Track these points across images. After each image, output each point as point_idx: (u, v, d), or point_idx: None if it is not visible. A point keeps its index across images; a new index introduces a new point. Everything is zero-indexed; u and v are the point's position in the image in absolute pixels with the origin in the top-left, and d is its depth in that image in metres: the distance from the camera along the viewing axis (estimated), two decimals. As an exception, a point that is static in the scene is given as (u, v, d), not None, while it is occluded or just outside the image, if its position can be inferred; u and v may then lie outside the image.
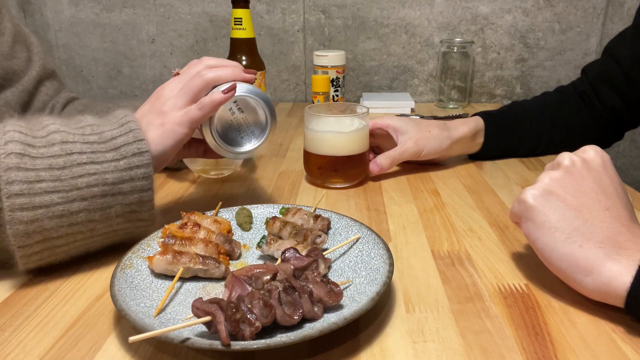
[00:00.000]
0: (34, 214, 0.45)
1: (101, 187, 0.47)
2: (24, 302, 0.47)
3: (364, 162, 0.75)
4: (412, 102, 1.25)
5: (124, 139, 0.49)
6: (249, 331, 0.37)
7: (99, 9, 1.39)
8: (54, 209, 0.45)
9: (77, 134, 0.48)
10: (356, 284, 0.46)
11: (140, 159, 0.49)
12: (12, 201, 0.44)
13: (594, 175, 0.46)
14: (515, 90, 1.41)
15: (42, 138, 0.47)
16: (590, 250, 0.43)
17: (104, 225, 0.49)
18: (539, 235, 0.46)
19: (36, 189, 0.45)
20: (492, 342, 0.41)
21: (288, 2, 1.36)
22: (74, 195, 0.46)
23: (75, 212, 0.46)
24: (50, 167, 0.46)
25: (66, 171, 0.46)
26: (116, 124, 0.50)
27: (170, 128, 0.52)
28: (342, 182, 0.75)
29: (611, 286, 0.41)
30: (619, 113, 0.84)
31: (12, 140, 0.45)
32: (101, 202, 0.47)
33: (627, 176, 1.45)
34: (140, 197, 0.49)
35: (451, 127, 0.81)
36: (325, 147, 0.73)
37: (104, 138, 0.49)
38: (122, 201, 0.49)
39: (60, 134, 0.48)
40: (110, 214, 0.48)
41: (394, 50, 1.39)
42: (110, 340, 0.42)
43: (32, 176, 0.45)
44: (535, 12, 1.33)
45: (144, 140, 0.49)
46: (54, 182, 0.45)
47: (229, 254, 0.52)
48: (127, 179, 0.48)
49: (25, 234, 0.45)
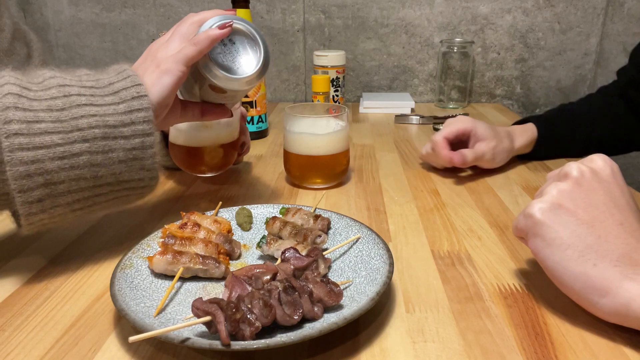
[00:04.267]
0: (34, 154, 0.43)
1: (102, 128, 0.46)
2: (24, 302, 0.47)
3: (342, 163, 0.75)
4: (412, 102, 1.25)
5: (121, 84, 0.48)
6: (249, 331, 0.37)
7: (99, 9, 1.39)
8: (54, 150, 0.44)
9: (74, 79, 0.47)
10: (356, 284, 0.46)
11: (139, 102, 0.47)
12: (11, 141, 0.42)
13: (604, 186, 0.43)
14: (515, 90, 1.41)
15: (39, 83, 0.46)
16: (606, 269, 0.40)
17: (106, 171, 0.47)
18: (549, 254, 0.43)
19: (35, 129, 0.43)
20: (492, 342, 0.41)
21: (288, 2, 1.36)
22: (75, 137, 0.45)
23: (76, 153, 0.45)
24: (49, 109, 0.44)
25: (65, 112, 0.45)
26: (112, 72, 0.50)
27: (166, 68, 0.51)
28: (321, 183, 0.75)
29: (630, 308, 0.39)
30: None
31: (7, 82, 0.44)
32: (103, 145, 0.46)
33: (627, 176, 1.45)
34: (142, 142, 0.48)
35: (513, 137, 0.81)
36: (302, 147, 0.73)
37: (102, 84, 0.48)
38: (123, 145, 0.47)
39: (57, 79, 0.46)
40: (112, 158, 0.47)
41: (394, 50, 1.39)
42: (110, 340, 0.42)
43: (30, 116, 0.43)
44: (535, 12, 1.33)
45: (142, 85, 0.48)
46: (54, 122, 0.44)
47: (229, 254, 0.52)
48: (128, 123, 0.47)
49: (27, 176, 0.43)
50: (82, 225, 0.63)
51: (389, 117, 1.21)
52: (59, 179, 0.45)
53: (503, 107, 1.35)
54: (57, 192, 0.45)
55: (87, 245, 0.58)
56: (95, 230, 0.62)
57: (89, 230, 0.62)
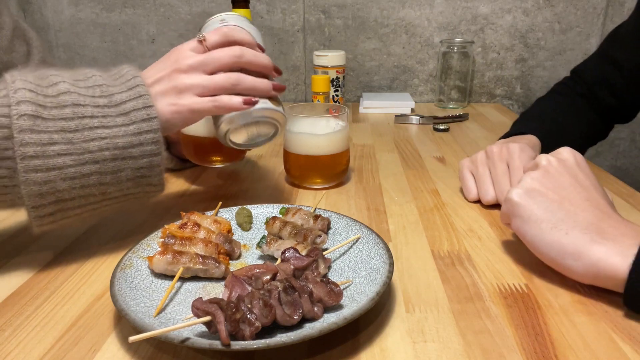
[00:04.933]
0: (47, 175, 0.45)
1: (112, 150, 0.48)
2: (24, 302, 0.47)
3: (342, 163, 0.75)
4: (412, 102, 1.25)
5: (132, 104, 0.49)
6: (249, 331, 0.37)
7: (99, 9, 1.39)
8: (66, 171, 0.46)
9: (87, 96, 0.48)
10: (356, 284, 0.46)
11: (149, 124, 0.49)
12: (26, 163, 0.45)
13: (570, 172, 0.50)
14: (515, 90, 1.41)
15: (53, 98, 0.47)
16: (576, 236, 0.45)
17: (115, 188, 0.49)
18: (527, 229, 0.49)
19: (49, 152, 0.45)
20: (492, 342, 0.41)
21: (288, 2, 1.36)
22: (86, 158, 0.47)
23: (87, 174, 0.47)
24: (63, 130, 0.46)
25: (78, 134, 0.46)
26: (124, 86, 0.50)
27: (181, 110, 0.51)
28: (321, 183, 0.75)
29: (599, 267, 0.44)
30: (615, 111, 0.85)
31: (23, 100, 0.45)
32: (112, 166, 0.48)
33: (627, 176, 1.45)
34: (150, 162, 0.50)
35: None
36: (302, 147, 0.73)
37: (114, 102, 0.49)
38: (132, 165, 0.49)
39: (71, 96, 0.48)
40: (120, 177, 0.49)
41: (394, 50, 1.39)
42: (110, 340, 0.42)
43: (45, 138, 0.45)
44: (535, 12, 1.33)
45: (153, 107, 0.49)
46: (67, 144, 0.46)
47: (229, 254, 0.52)
48: (137, 144, 0.49)
49: (39, 195, 0.46)
50: (82, 225, 0.63)
51: (389, 117, 1.21)
52: (69, 197, 0.47)
53: (503, 107, 1.35)
54: (67, 207, 0.48)
55: (87, 245, 0.58)
56: (95, 230, 0.62)
57: (89, 230, 0.62)
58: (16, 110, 0.44)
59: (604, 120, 0.87)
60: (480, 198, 0.69)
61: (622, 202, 0.69)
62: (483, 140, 1.02)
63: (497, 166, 0.67)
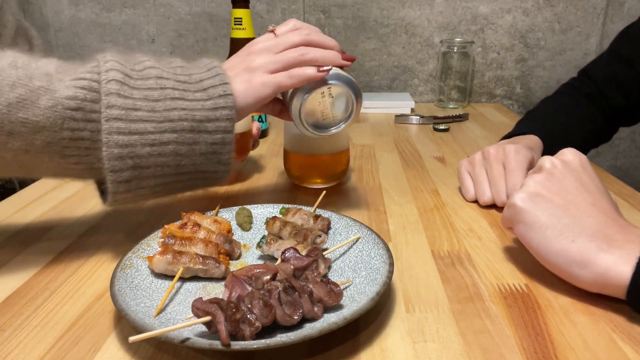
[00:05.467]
0: (129, 138, 0.47)
1: (190, 122, 0.49)
2: (24, 302, 0.47)
3: (342, 163, 0.75)
4: (412, 102, 1.25)
5: (211, 82, 0.51)
6: (249, 331, 0.37)
7: (99, 9, 1.39)
8: (146, 137, 0.48)
9: (170, 72, 0.51)
10: (356, 284, 0.46)
11: (225, 100, 0.50)
12: (111, 124, 0.46)
13: (574, 175, 0.49)
14: (515, 90, 1.41)
15: (139, 71, 0.49)
16: (583, 244, 0.44)
17: (188, 161, 0.50)
18: (532, 236, 0.48)
19: (133, 116, 0.47)
20: (492, 342, 0.41)
21: (288, 2, 1.36)
22: (165, 127, 0.48)
23: (165, 142, 0.48)
24: (146, 98, 0.48)
25: (160, 103, 0.48)
26: (204, 68, 0.52)
27: (256, 86, 0.53)
28: (321, 183, 0.75)
29: (607, 276, 0.43)
30: (623, 112, 0.85)
31: (113, 68, 0.48)
32: (188, 137, 0.49)
33: (627, 176, 1.45)
34: (223, 138, 0.51)
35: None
36: (302, 146, 0.73)
37: (193, 79, 0.51)
38: (206, 139, 0.50)
39: (155, 70, 0.50)
40: (195, 150, 0.50)
41: (394, 50, 1.39)
42: (110, 340, 0.42)
43: (129, 103, 0.47)
44: (535, 12, 1.33)
45: (229, 84, 0.51)
46: (149, 112, 0.48)
47: (229, 254, 0.52)
48: (213, 119, 0.50)
49: (119, 157, 0.47)
50: (82, 225, 0.63)
51: (389, 117, 1.21)
52: (146, 164, 0.48)
53: (503, 107, 1.35)
54: (143, 175, 0.49)
55: (87, 245, 0.58)
56: (95, 230, 0.62)
57: (89, 230, 0.62)
58: (105, 76, 0.47)
59: (609, 122, 0.86)
60: (477, 199, 0.69)
61: (622, 202, 0.69)
62: (483, 140, 1.02)
63: (493, 167, 0.67)
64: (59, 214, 0.67)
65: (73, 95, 0.45)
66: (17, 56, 0.46)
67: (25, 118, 0.44)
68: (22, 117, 0.44)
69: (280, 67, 0.54)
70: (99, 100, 0.46)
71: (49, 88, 0.45)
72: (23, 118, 0.44)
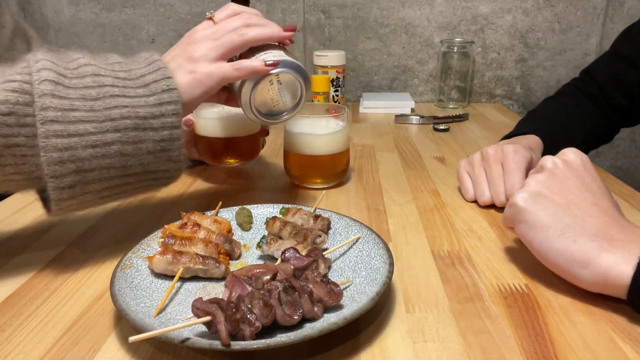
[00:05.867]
0: (68, 141, 0.44)
1: (133, 119, 0.47)
2: (24, 302, 0.47)
3: (342, 163, 0.75)
4: (412, 102, 1.25)
5: (152, 77, 0.49)
6: (249, 331, 0.37)
7: (99, 9, 1.39)
8: (87, 138, 0.45)
9: (107, 69, 0.48)
10: (356, 284, 0.46)
11: (169, 95, 0.48)
12: (47, 127, 0.44)
13: (576, 174, 0.49)
14: (515, 90, 1.41)
15: (74, 69, 0.47)
16: (584, 243, 0.44)
17: (136, 161, 0.48)
18: (533, 235, 0.47)
19: (70, 117, 0.45)
20: (492, 342, 0.41)
21: (288, 2, 1.36)
22: (107, 126, 0.46)
23: (108, 142, 0.46)
24: (84, 98, 0.46)
25: (99, 102, 0.46)
26: (143, 63, 0.50)
27: (200, 78, 0.51)
28: (321, 183, 0.75)
29: (608, 276, 0.43)
30: (624, 113, 0.84)
31: (44, 68, 0.45)
32: (133, 136, 0.47)
33: (627, 176, 1.45)
34: (170, 134, 0.49)
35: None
36: (302, 147, 0.73)
37: (133, 75, 0.49)
38: (153, 137, 0.48)
39: (92, 67, 0.48)
40: (141, 149, 0.48)
41: (394, 50, 1.39)
42: (110, 340, 0.42)
43: (66, 104, 0.45)
44: (535, 12, 1.33)
45: (172, 78, 0.49)
46: (88, 112, 0.45)
47: (229, 254, 0.52)
48: (158, 115, 0.48)
49: (60, 162, 0.44)
50: (82, 225, 0.63)
51: (389, 117, 1.21)
52: (90, 167, 0.46)
53: (503, 107, 1.35)
54: (87, 179, 0.47)
55: (87, 245, 0.58)
56: (95, 230, 0.62)
57: (89, 230, 0.62)
58: (37, 76, 0.44)
59: (610, 122, 0.86)
60: (476, 199, 0.69)
61: (622, 202, 0.69)
62: (483, 140, 1.02)
63: (492, 168, 0.67)
64: (59, 214, 0.67)
65: (4, 99, 0.43)
66: None
67: None
68: None
69: (222, 52, 0.52)
70: (32, 103, 0.44)
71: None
72: None
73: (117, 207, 0.68)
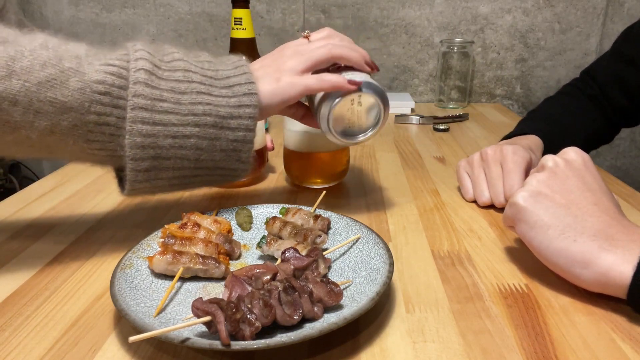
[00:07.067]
0: (152, 129, 0.47)
1: (214, 117, 0.50)
2: (24, 302, 0.47)
3: (342, 163, 0.75)
4: (412, 102, 1.25)
5: (237, 80, 0.52)
6: (249, 331, 0.37)
7: (99, 9, 1.39)
8: (170, 129, 0.48)
9: (197, 66, 0.51)
10: (356, 284, 0.46)
11: (249, 98, 0.51)
12: (136, 113, 0.47)
13: (577, 174, 0.49)
14: (515, 90, 1.41)
15: (168, 62, 0.50)
16: (585, 243, 0.44)
17: (208, 156, 0.51)
18: (533, 235, 0.47)
19: (158, 107, 0.48)
20: (492, 342, 0.41)
21: (288, 2, 1.36)
22: (189, 120, 0.49)
23: (187, 135, 0.49)
24: (173, 90, 0.49)
25: (186, 96, 0.49)
26: (231, 65, 0.53)
27: (283, 86, 0.53)
28: (321, 183, 0.74)
29: (609, 276, 0.43)
30: (625, 113, 0.84)
31: (142, 57, 0.48)
32: (211, 132, 0.50)
33: (627, 176, 1.45)
34: (244, 136, 0.51)
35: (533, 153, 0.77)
36: (302, 144, 0.72)
37: (220, 75, 0.52)
38: (228, 136, 0.51)
39: (184, 62, 0.51)
40: (215, 146, 0.51)
41: (394, 50, 1.39)
42: (110, 340, 0.42)
43: (156, 94, 0.48)
44: (535, 12, 1.33)
45: (255, 84, 0.52)
46: (174, 104, 0.48)
47: (229, 254, 0.52)
48: (236, 116, 0.51)
49: (142, 146, 0.48)
50: (82, 225, 0.63)
51: (389, 117, 1.21)
52: (167, 155, 0.49)
53: (503, 107, 1.35)
54: (162, 166, 0.50)
55: (87, 245, 0.58)
56: (95, 230, 0.62)
57: (89, 230, 0.62)
58: (134, 65, 0.48)
59: (611, 123, 0.86)
60: (475, 199, 0.69)
61: (622, 202, 0.69)
62: (483, 140, 1.02)
63: (491, 168, 0.67)
64: (58, 214, 0.67)
65: (102, 79, 0.46)
66: (47, 38, 0.47)
67: (54, 98, 0.44)
68: (51, 96, 0.44)
69: (308, 65, 0.55)
70: (126, 87, 0.47)
71: (79, 70, 0.45)
72: (51, 97, 0.44)
73: (117, 207, 0.68)
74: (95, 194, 0.73)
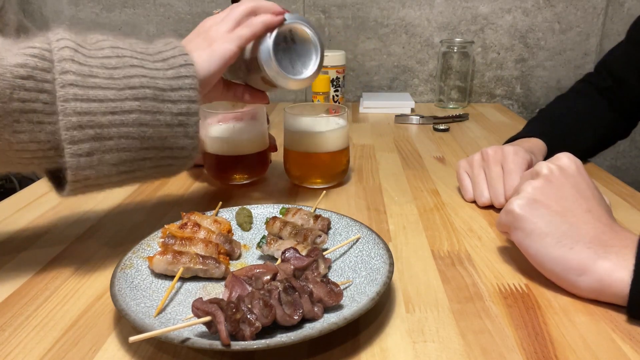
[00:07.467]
0: (87, 105, 0.44)
1: (153, 90, 0.47)
2: (24, 302, 0.47)
3: (342, 163, 0.75)
4: (412, 102, 1.25)
5: (170, 53, 0.50)
6: (249, 331, 0.37)
7: (99, 9, 1.39)
8: (107, 105, 0.45)
9: (125, 44, 0.49)
10: (356, 284, 0.46)
11: (187, 69, 0.49)
12: (66, 91, 0.43)
13: (571, 181, 0.49)
14: (515, 90, 1.41)
15: (93, 43, 0.48)
16: (581, 251, 0.45)
17: (153, 132, 0.48)
18: (529, 243, 0.48)
19: (90, 83, 0.45)
20: (492, 342, 0.41)
21: (288, 2, 1.36)
22: (126, 94, 0.46)
23: (127, 110, 0.46)
24: (103, 66, 0.46)
25: (119, 70, 0.46)
26: (161, 43, 0.52)
27: (218, 47, 0.53)
28: (321, 183, 0.74)
29: (604, 283, 0.43)
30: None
31: (64, 38, 0.46)
32: (152, 106, 0.47)
33: (627, 176, 1.45)
34: (187, 108, 0.49)
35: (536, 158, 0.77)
36: (302, 145, 0.72)
37: (151, 51, 0.50)
38: (171, 109, 0.48)
39: (109, 41, 0.49)
40: (160, 120, 0.48)
41: (394, 50, 1.39)
42: (110, 340, 0.42)
43: (85, 70, 0.45)
44: (535, 12, 1.33)
45: (189, 55, 0.50)
46: (107, 79, 0.45)
47: (229, 254, 0.52)
48: (176, 88, 0.49)
49: (79, 126, 0.44)
50: (82, 225, 0.63)
51: (389, 117, 1.21)
52: (108, 135, 0.46)
53: (503, 107, 1.35)
54: (105, 147, 0.46)
55: (87, 245, 0.58)
56: (95, 230, 0.62)
57: (89, 230, 0.62)
58: (57, 44, 0.45)
59: (626, 116, 0.85)
60: (475, 199, 0.69)
61: (622, 202, 0.69)
62: (483, 140, 1.02)
63: (491, 169, 0.67)
64: (58, 214, 0.67)
65: (23, 62, 0.42)
66: None
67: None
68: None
69: (234, 24, 0.55)
70: (51, 69, 0.43)
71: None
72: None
73: (117, 207, 0.68)
74: (95, 194, 0.73)
